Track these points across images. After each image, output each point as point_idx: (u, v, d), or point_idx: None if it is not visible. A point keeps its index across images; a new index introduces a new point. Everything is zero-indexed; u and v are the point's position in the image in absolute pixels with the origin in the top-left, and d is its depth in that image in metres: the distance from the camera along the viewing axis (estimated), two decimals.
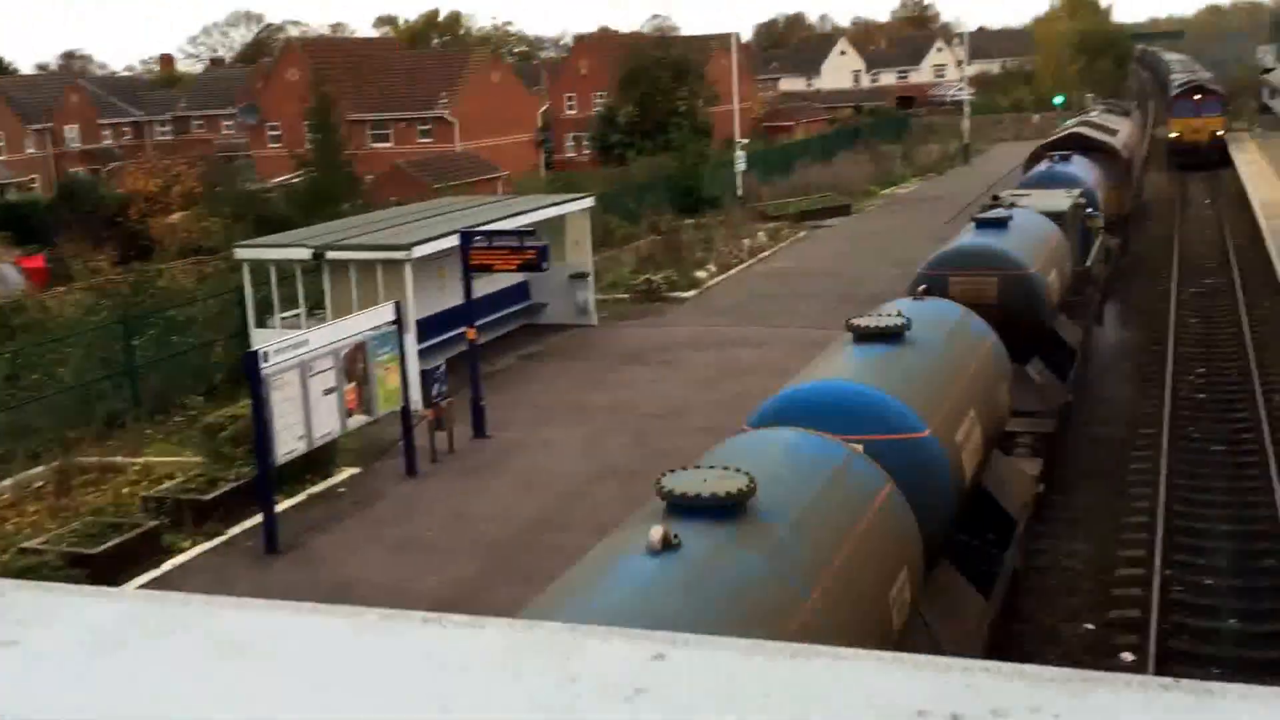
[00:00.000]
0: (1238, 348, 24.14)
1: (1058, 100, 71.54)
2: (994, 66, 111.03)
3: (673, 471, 7.32)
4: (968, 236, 18.24)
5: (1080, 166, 27.89)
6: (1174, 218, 41.42)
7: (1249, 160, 50.04)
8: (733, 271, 33.74)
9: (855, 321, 11.96)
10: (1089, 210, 23.60)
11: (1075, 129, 34.90)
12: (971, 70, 78.72)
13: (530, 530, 15.62)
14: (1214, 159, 51.68)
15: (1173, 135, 54.26)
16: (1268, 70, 58.76)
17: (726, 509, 6.90)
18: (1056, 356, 18.29)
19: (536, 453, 18.86)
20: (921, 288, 14.10)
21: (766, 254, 36.31)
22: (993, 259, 16.87)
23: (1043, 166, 28.20)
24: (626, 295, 30.59)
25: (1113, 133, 35.04)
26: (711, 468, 7.41)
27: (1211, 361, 23.65)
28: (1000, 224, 18.11)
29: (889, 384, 10.07)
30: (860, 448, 8.65)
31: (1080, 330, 20.24)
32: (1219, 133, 53.32)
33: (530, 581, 13.88)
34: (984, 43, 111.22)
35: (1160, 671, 12.04)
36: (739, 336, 25.79)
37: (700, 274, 32.52)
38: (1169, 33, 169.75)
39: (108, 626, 1.37)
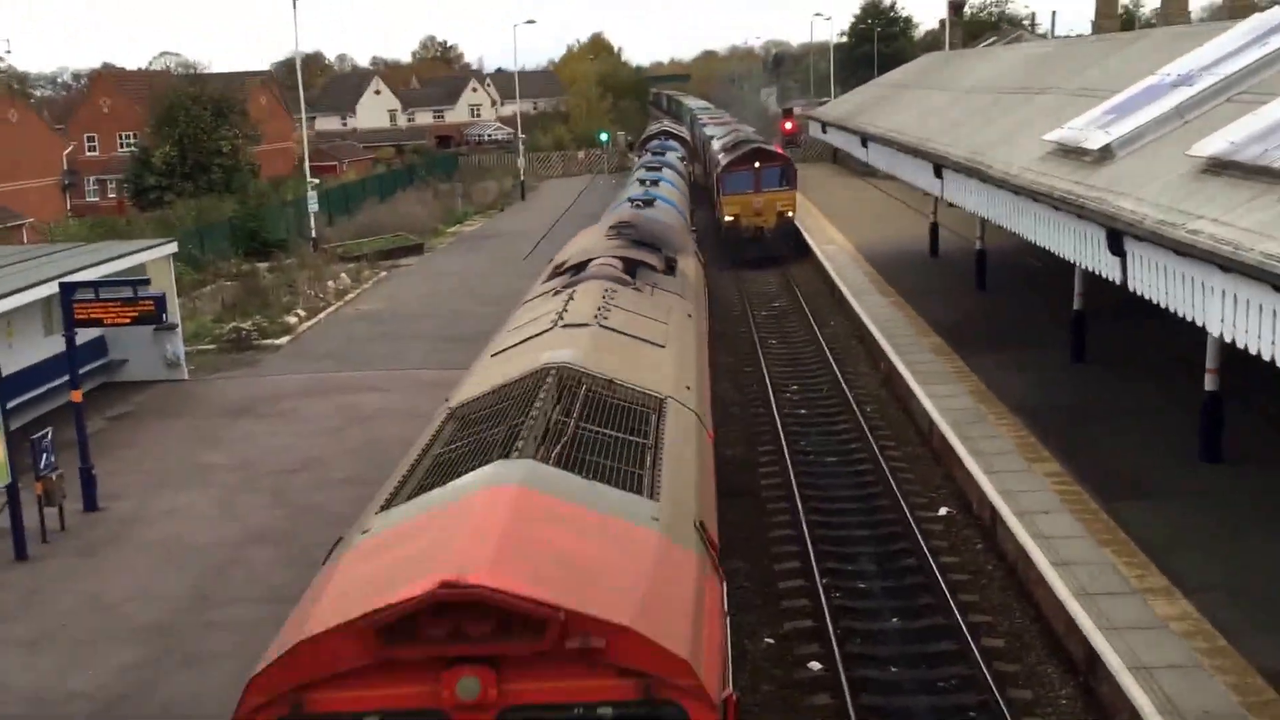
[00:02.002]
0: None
1: (603, 137, 75.41)
2: (528, 106, 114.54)
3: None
4: (636, 190, 27.93)
5: (674, 144, 50.28)
6: None
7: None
8: (323, 315, 32.48)
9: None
10: (683, 159, 44.40)
11: (662, 128, 60.61)
12: (508, 110, 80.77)
13: (187, 608, 14.15)
14: (787, 249, 38.58)
15: (728, 219, 39.12)
16: (789, 109, 64.00)
17: (649, 203, 23.09)
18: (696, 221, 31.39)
19: (165, 522, 17.17)
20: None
21: (353, 296, 35.27)
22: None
23: (656, 142, 51.25)
24: (213, 345, 28.68)
25: (680, 131, 61.90)
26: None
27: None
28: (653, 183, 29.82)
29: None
30: None
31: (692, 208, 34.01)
32: (789, 213, 39.07)
33: (205, 664, 12.58)
34: (512, 83, 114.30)
35: (849, 676, 12.59)
36: (351, 382, 24.83)
37: (290, 319, 31.05)
38: (677, 75, 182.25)
39: None
